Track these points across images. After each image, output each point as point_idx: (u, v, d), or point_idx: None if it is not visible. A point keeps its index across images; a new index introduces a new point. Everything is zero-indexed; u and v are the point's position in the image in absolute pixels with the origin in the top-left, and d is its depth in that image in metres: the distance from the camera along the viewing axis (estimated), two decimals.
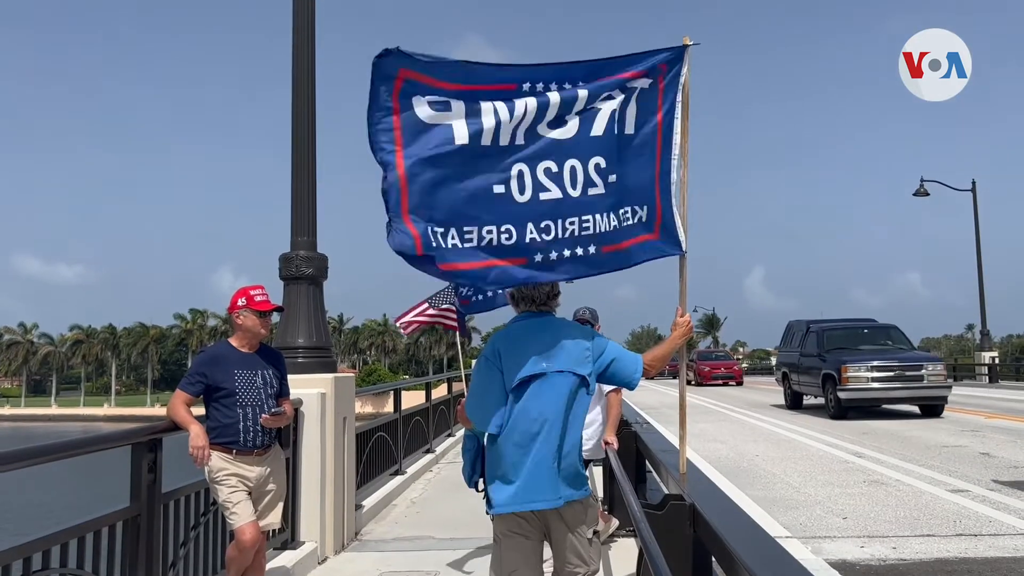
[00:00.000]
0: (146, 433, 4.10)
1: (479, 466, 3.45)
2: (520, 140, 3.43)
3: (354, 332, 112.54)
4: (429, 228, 3.27)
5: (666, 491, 4.33)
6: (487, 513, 3.37)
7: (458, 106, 3.32)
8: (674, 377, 41.77)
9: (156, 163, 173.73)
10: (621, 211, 3.67)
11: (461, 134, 3.30)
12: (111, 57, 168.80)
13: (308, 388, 6.11)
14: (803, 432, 14.24)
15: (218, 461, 4.34)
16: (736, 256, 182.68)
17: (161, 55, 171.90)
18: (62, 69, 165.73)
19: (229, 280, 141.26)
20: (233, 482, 4.36)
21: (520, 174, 3.42)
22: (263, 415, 4.45)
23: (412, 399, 11.53)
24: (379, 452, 8.72)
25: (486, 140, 3.33)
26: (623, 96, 3.64)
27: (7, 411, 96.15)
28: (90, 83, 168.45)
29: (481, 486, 3.43)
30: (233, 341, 4.62)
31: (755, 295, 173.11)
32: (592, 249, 3.59)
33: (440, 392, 15.11)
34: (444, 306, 10.49)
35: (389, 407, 10.51)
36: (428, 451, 11.59)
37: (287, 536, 5.79)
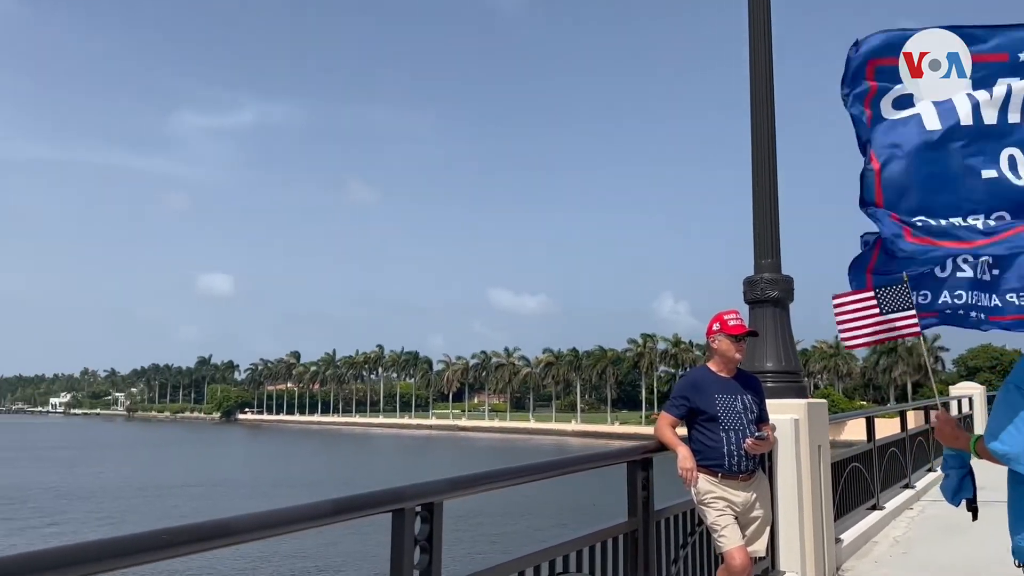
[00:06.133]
0: (639, 452, 4.36)
1: (968, 484, 3.26)
2: (1013, 119, 3.13)
3: (803, 355, 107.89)
4: (907, 218, 3.31)
5: None
6: (1017, 566, 2.89)
7: (925, 92, 3.27)
8: None
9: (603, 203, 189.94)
10: None
11: (932, 121, 3.17)
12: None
13: (780, 413, 5.95)
14: None
15: (705, 484, 4.44)
16: None
17: (624, 94, 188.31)
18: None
19: (669, 305, 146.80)
20: (720, 505, 4.41)
21: (1012, 159, 3.14)
22: (747, 440, 4.44)
23: (882, 428, 10.57)
24: (854, 484, 8.14)
25: (966, 121, 3.15)
26: None
27: (496, 424, 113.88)
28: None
29: (964, 505, 3.28)
30: (711, 366, 4.70)
31: None
32: None
33: (916, 422, 13.63)
34: (898, 314, 9.02)
35: (847, 435, 9.81)
36: (907, 486, 10.50)
37: (767, 564, 5.67)
